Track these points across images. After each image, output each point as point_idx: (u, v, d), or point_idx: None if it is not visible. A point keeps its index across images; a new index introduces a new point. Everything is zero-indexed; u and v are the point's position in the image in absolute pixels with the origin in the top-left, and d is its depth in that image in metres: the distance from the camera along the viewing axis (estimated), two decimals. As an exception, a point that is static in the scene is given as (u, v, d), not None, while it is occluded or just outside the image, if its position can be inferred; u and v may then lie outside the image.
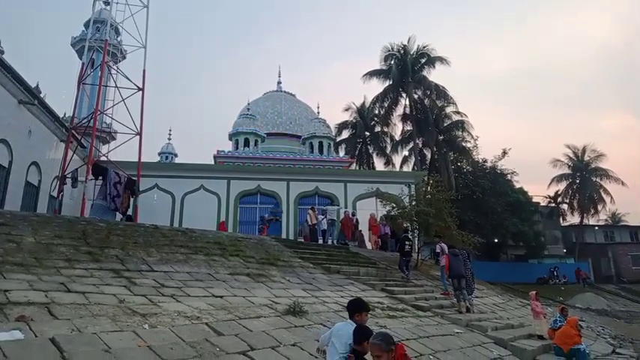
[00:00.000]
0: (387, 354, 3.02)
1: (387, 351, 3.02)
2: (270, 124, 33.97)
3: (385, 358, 3.01)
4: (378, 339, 3.14)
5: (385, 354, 3.02)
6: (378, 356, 3.04)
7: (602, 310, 24.67)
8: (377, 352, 3.05)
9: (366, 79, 34.87)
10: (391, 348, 3.05)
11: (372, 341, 3.12)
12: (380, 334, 3.21)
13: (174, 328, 5.32)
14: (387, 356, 3.01)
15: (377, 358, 3.05)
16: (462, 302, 11.08)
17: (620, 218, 59.06)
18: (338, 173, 25.50)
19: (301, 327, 6.58)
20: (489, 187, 32.39)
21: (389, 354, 3.02)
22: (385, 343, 3.07)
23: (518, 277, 30.76)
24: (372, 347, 3.11)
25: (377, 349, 3.07)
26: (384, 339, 3.12)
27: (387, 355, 3.01)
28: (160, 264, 8.16)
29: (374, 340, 3.14)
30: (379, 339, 3.13)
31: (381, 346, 3.05)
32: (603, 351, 11.06)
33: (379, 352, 3.03)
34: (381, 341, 3.09)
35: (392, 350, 3.05)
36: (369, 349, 3.13)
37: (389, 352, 3.03)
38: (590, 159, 42.02)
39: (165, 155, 38.50)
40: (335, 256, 14.09)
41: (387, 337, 3.15)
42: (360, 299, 4.68)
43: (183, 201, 21.65)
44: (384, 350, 3.02)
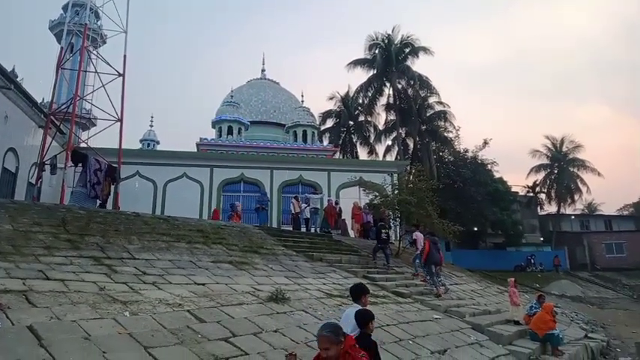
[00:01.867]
0: (337, 346, 2.80)
1: (336, 343, 2.80)
2: (253, 112, 33.76)
3: (334, 351, 2.79)
4: (326, 330, 2.88)
5: (334, 346, 2.80)
6: (326, 349, 2.80)
7: (577, 297, 25.45)
8: (325, 345, 2.81)
9: (351, 68, 34.92)
10: (340, 340, 2.83)
11: (319, 333, 2.87)
12: (328, 325, 2.96)
13: (156, 316, 5.33)
14: (336, 349, 2.79)
15: (325, 350, 2.81)
16: (439, 287, 11.36)
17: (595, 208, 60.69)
18: (322, 162, 25.56)
19: (283, 314, 6.64)
20: (470, 176, 32.88)
21: (338, 346, 2.80)
22: (335, 334, 2.84)
23: (497, 264, 31.44)
24: (320, 339, 2.85)
25: (325, 341, 2.82)
26: (334, 330, 2.88)
27: (336, 347, 2.79)
28: (141, 252, 8.11)
29: (322, 331, 2.87)
30: (328, 330, 2.87)
31: (330, 337, 2.82)
32: (576, 335, 11.43)
33: (328, 345, 2.80)
34: (330, 333, 2.85)
35: (341, 342, 2.83)
36: (317, 342, 2.88)
37: (338, 344, 2.81)
38: (569, 150, 42.87)
39: (147, 142, 37.97)
40: (318, 244, 14.19)
41: (337, 328, 2.91)
42: (362, 284, 5.28)
43: (165, 189, 21.43)
44: (333, 342, 2.80)
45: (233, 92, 32.96)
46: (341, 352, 2.80)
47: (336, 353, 2.80)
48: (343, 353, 2.81)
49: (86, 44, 19.20)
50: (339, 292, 8.99)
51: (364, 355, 2.85)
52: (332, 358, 2.82)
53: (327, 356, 2.82)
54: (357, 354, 2.83)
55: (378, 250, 13.43)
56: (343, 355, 2.80)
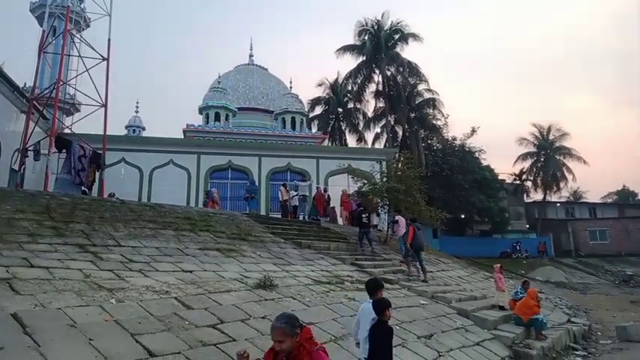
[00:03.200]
0: (291, 338, 2.61)
1: (291, 335, 2.61)
2: (241, 98, 33.42)
3: (288, 344, 2.60)
4: (281, 321, 2.67)
5: (289, 339, 2.60)
6: (280, 341, 2.61)
7: (561, 283, 25.96)
8: (279, 337, 2.61)
9: (340, 54, 34.66)
10: (296, 332, 2.63)
11: (274, 324, 2.67)
12: (284, 316, 2.74)
13: (143, 303, 5.29)
14: (290, 341, 2.60)
15: (279, 343, 2.62)
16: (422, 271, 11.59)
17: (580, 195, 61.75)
18: (310, 149, 25.47)
19: (271, 300, 6.65)
20: (458, 164, 33.10)
21: (293, 338, 2.61)
22: (290, 326, 2.63)
23: (483, 251, 31.90)
24: (273, 331, 2.64)
25: (280, 333, 2.62)
26: (289, 321, 2.67)
27: (290, 339, 2.60)
28: (127, 239, 8.03)
29: (276, 322, 2.68)
30: (282, 321, 2.67)
31: (284, 329, 2.62)
32: (559, 320, 11.68)
33: (282, 337, 2.60)
34: (284, 324, 2.64)
35: (297, 334, 2.62)
36: (271, 334, 2.69)
37: (293, 337, 2.61)
38: (555, 138, 43.32)
39: (133, 129, 37.48)
40: (306, 231, 14.20)
41: (292, 320, 2.69)
42: (377, 279, 5.42)
43: (151, 176, 21.20)
44: (287, 334, 2.60)
45: (220, 78, 32.54)
46: (296, 345, 2.61)
47: (291, 346, 2.60)
48: (298, 346, 2.62)
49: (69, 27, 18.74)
50: (327, 279, 9.04)
51: (321, 348, 2.67)
52: (285, 352, 2.63)
53: (281, 349, 2.62)
54: (312, 347, 2.63)
55: (362, 236, 13.51)
56: (298, 348, 2.61)
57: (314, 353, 2.61)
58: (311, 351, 2.61)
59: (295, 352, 2.62)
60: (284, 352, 2.64)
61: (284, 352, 2.63)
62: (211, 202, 16.88)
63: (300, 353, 2.61)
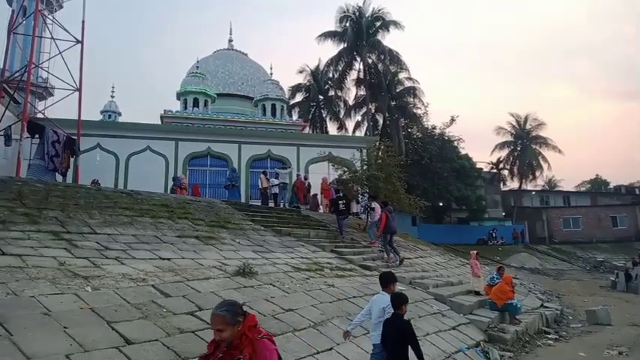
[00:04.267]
0: (233, 327, 2.42)
1: (232, 323, 2.42)
2: (220, 84, 32.91)
3: (229, 333, 2.41)
4: (221, 309, 2.48)
5: (230, 327, 2.41)
6: (219, 330, 2.43)
7: (535, 269, 26.69)
8: (219, 326, 2.42)
9: (321, 40, 34.37)
10: (238, 320, 2.44)
11: (213, 312, 2.49)
12: (225, 304, 2.56)
13: (119, 291, 5.23)
14: (231, 330, 2.41)
15: (218, 332, 2.43)
16: (390, 254, 11.90)
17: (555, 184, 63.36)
18: (291, 137, 25.33)
19: (251, 287, 6.65)
20: (437, 153, 33.45)
21: (235, 327, 2.42)
22: (230, 313, 2.44)
23: (460, 238, 32.51)
24: (213, 319, 2.47)
25: (219, 321, 2.43)
26: (230, 309, 2.48)
27: (231, 328, 2.41)
28: (103, 226, 7.89)
29: (215, 310, 2.49)
30: (223, 309, 2.48)
31: (224, 317, 2.43)
32: (533, 305, 12.02)
33: (222, 326, 2.42)
34: (225, 312, 2.45)
35: (239, 323, 2.44)
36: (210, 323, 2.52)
37: (235, 325, 2.42)
38: (532, 127, 44.08)
39: (108, 114, 36.58)
40: (286, 218, 14.20)
41: (234, 308, 2.50)
42: (391, 272, 5.48)
43: (128, 162, 20.77)
44: (228, 323, 2.41)
45: (199, 63, 31.89)
46: (238, 334, 2.44)
47: (232, 335, 2.42)
48: (240, 335, 2.44)
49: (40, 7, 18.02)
50: (307, 266, 9.07)
51: (266, 336, 2.50)
52: (226, 341, 2.45)
53: (221, 339, 2.44)
54: (256, 336, 2.45)
55: (341, 223, 13.61)
56: (240, 338, 2.44)
57: (257, 342, 2.43)
58: (254, 340, 2.43)
59: (237, 342, 2.44)
60: (225, 342, 2.45)
61: (225, 341, 2.45)
62: (179, 189, 16.39)
63: (242, 343, 2.43)
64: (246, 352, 2.39)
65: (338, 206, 13.70)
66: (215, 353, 2.50)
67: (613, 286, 19.47)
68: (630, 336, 9.28)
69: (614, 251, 34.00)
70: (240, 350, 2.41)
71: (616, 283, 19.41)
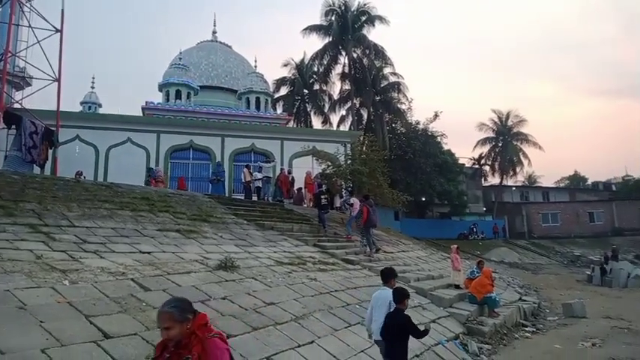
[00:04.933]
0: (181, 325, 2.30)
1: (180, 321, 2.30)
2: (204, 76, 32.52)
3: (177, 331, 2.29)
4: (168, 306, 2.36)
5: (178, 325, 2.29)
6: (167, 328, 2.30)
7: (514, 263, 27.19)
8: (166, 324, 2.30)
9: (306, 33, 34.13)
10: (187, 317, 2.33)
11: (160, 309, 2.37)
12: (172, 300, 2.46)
13: (97, 284, 5.15)
14: (180, 328, 2.29)
15: (166, 330, 2.30)
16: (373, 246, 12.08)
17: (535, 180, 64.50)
18: (275, 130, 25.21)
19: (232, 281, 6.62)
20: (420, 148, 33.66)
21: (183, 325, 2.30)
22: (179, 310, 2.33)
23: (442, 233, 32.88)
24: (160, 317, 2.34)
25: (166, 318, 2.31)
26: (178, 306, 2.37)
27: (180, 326, 2.29)
28: (81, 219, 7.75)
29: (162, 307, 2.37)
30: (171, 306, 2.36)
31: (172, 315, 2.31)
32: (511, 298, 12.24)
33: (169, 324, 2.29)
34: (173, 309, 2.33)
35: (188, 320, 2.33)
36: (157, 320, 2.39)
37: (183, 323, 2.31)
38: (513, 124, 44.68)
39: (88, 105, 35.79)
40: (269, 212, 14.16)
41: (182, 304, 2.40)
42: (392, 268, 5.67)
43: (108, 154, 20.40)
44: (176, 320, 2.29)
45: (182, 54, 31.41)
46: (187, 333, 2.32)
47: (180, 333, 2.30)
48: (189, 334, 2.32)
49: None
50: (290, 259, 9.08)
51: (217, 335, 2.39)
52: (174, 340, 2.32)
53: (169, 337, 2.31)
54: (206, 335, 2.34)
55: (323, 217, 13.66)
56: (189, 337, 2.32)
57: (207, 341, 2.32)
58: (204, 338, 2.32)
59: (186, 341, 2.32)
60: (173, 341, 2.32)
61: (173, 340, 2.32)
62: (153, 181, 16.03)
63: (191, 342, 2.32)
64: (194, 352, 2.29)
65: (320, 200, 13.75)
66: (163, 354, 2.37)
67: (589, 280, 19.95)
68: (604, 328, 9.53)
69: (591, 246, 34.81)
70: (189, 349, 2.30)
71: (592, 277, 19.89)
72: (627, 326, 9.65)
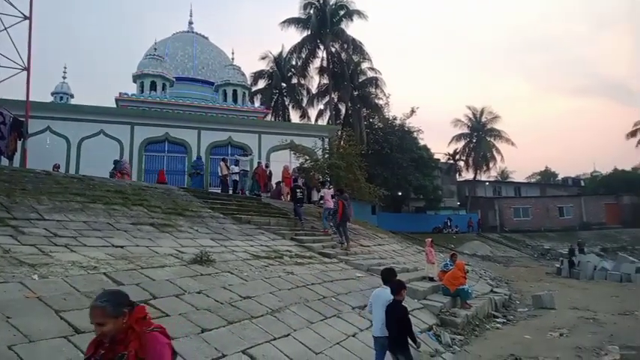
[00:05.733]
0: (115, 320, 2.12)
1: (114, 316, 2.12)
2: (180, 67, 31.95)
3: (111, 327, 2.12)
4: (101, 300, 2.17)
5: (112, 320, 2.11)
6: (100, 324, 2.12)
7: (486, 256, 27.82)
8: (99, 319, 2.12)
9: (285, 26, 33.91)
10: (122, 311, 2.15)
11: (92, 304, 2.18)
12: (105, 294, 2.26)
13: (68, 279, 5.04)
14: (114, 323, 2.12)
15: (99, 326, 2.13)
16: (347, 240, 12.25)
17: (507, 175, 66.01)
18: (252, 124, 25.01)
19: (208, 275, 6.57)
20: (397, 143, 33.98)
21: (118, 319, 2.13)
22: (112, 305, 2.14)
23: (417, 227, 33.38)
24: (92, 312, 2.15)
25: (100, 314, 2.12)
26: (111, 299, 2.18)
27: (114, 321, 2.12)
28: (52, 212, 7.55)
29: (95, 302, 2.17)
30: (103, 300, 2.16)
31: (105, 309, 2.12)
32: (483, 290, 12.54)
33: (102, 319, 2.11)
34: (105, 302, 2.14)
35: (123, 314, 2.14)
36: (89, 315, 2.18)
37: (118, 318, 2.13)
38: (487, 120, 45.62)
39: (60, 96, 34.83)
40: (246, 206, 14.08)
41: (117, 297, 2.22)
42: (393, 269, 5.97)
43: (80, 146, 19.87)
44: (109, 315, 2.11)
45: (157, 45, 30.75)
46: (123, 328, 2.15)
47: (115, 329, 2.13)
48: (126, 329, 2.15)
49: (-18, -21, 16.77)
50: (266, 253, 9.06)
51: (157, 329, 2.23)
52: (108, 336, 2.15)
53: (102, 333, 2.14)
54: (144, 329, 2.18)
55: (299, 210, 13.69)
56: (125, 332, 2.15)
57: (145, 335, 2.16)
58: (141, 333, 2.16)
59: (121, 337, 2.15)
60: (107, 338, 2.15)
61: (107, 337, 2.15)
62: (119, 174, 15.58)
63: (128, 337, 2.15)
64: (131, 348, 2.12)
65: (296, 193, 13.78)
66: (97, 351, 2.19)
67: (558, 272, 20.59)
68: (571, 319, 9.87)
69: (560, 240, 35.87)
70: (126, 345, 2.14)
71: (561, 269, 20.53)
72: (593, 316, 10.01)
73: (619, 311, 10.61)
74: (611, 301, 12.43)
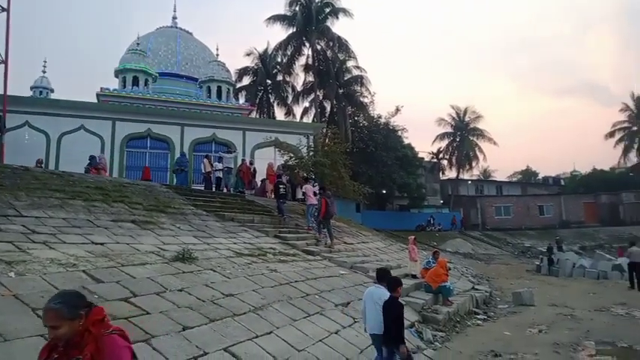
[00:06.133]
0: (71, 322, 2.02)
1: (69, 318, 2.02)
2: (163, 62, 31.54)
3: (66, 329, 2.02)
4: (55, 302, 2.07)
5: (67, 323, 2.01)
6: (54, 327, 2.03)
7: (468, 254, 28.16)
8: (52, 322, 2.03)
9: (270, 23, 33.69)
10: (78, 313, 2.04)
11: (46, 306, 2.08)
12: (60, 295, 2.14)
13: (46, 276, 4.94)
14: (69, 326, 2.02)
15: (52, 330, 2.04)
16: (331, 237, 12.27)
17: (489, 174, 66.91)
18: (237, 120, 24.87)
19: (190, 273, 6.51)
20: (382, 141, 34.16)
21: (74, 322, 2.02)
22: (67, 307, 2.03)
23: (401, 224, 33.61)
24: (46, 315, 2.06)
25: (53, 316, 2.03)
26: (67, 301, 2.07)
27: (69, 324, 2.02)
28: (30, 209, 7.39)
29: (49, 304, 2.07)
30: (57, 302, 2.06)
31: (58, 312, 2.02)
32: (465, 287, 12.69)
33: (56, 321, 2.02)
34: (60, 304, 2.04)
35: (79, 316, 2.04)
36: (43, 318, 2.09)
37: (74, 320, 2.03)
38: (470, 119, 46.15)
39: (39, 90, 34.06)
40: (230, 203, 14.00)
41: (72, 299, 2.11)
42: (387, 269, 6.10)
43: (59, 142, 19.48)
44: (64, 318, 2.01)
45: (140, 39, 30.27)
46: (79, 331, 2.04)
47: (70, 332, 2.02)
48: (82, 332, 2.04)
49: (-42, -32, 16.31)
50: (250, 251, 9.02)
51: (116, 331, 2.12)
52: (63, 340, 2.04)
53: (56, 337, 2.04)
54: (102, 331, 2.07)
55: (281, 206, 13.69)
56: (81, 335, 2.04)
57: (103, 338, 2.05)
58: (99, 336, 2.05)
59: (77, 340, 2.04)
60: (62, 341, 2.05)
61: (61, 340, 2.05)
62: (94, 169, 15.21)
63: (85, 340, 2.04)
64: (87, 351, 2.02)
65: (279, 189, 13.77)
66: (50, 355, 2.09)
67: (537, 270, 20.95)
68: (550, 315, 10.06)
69: (541, 238, 36.49)
70: (81, 349, 2.03)
71: (540, 267, 20.90)
72: (571, 313, 10.22)
73: (595, 308, 10.85)
74: (588, 297, 12.71)
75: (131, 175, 18.91)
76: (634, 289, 13.88)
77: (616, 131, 46.45)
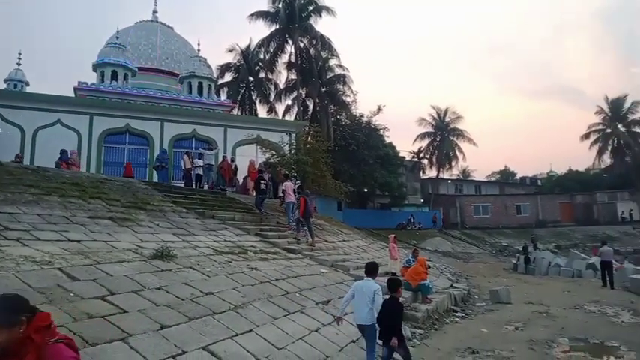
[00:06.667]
0: (10, 329, 1.84)
1: (7, 325, 1.84)
2: (142, 57, 31.00)
3: (4, 337, 1.83)
4: None
5: (5, 330, 1.83)
6: None
7: (447, 252, 28.55)
8: None
9: (253, 19, 33.51)
10: (18, 319, 1.85)
11: None
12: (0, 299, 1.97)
13: (20, 274, 4.81)
14: (7, 333, 1.83)
15: None
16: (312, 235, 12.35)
17: (469, 174, 67.90)
18: (218, 117, 24.62)
19: (169, 271, 6.42)
20: (364, 140, 34.33)
21: (13, 329, 1.84)
22: (7, 312, 1.86)
23: (382, 223, 33.83)
24: None
25: None
26: (7, 305, 1.90)
27: (7, 331, 1.83)
28: (3, 205, 7.18)
29: None
30: None
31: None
32: (444, 285, 12.86)
33: None
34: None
35: (20, 323, 1.85)
36: None
37: (13, 327, 1.84)
38: (451, 120, 46.82)
39: (14, 83, 33.16)
40: (210, 201, 13.86)
41: (12, 304, 1.92)
42: (376, 263, 6.17)
43: (35, 137, 18.99)
44: (2, 324, 1.84)
45: (119, 33, 29.65)
46: (19, 339, 1.86)
47: (8, 340, 1.84)
48: (23, 339, 1.87)
49: None
50: (230, 249, 8.96)
51: (61, 339, 1.95)
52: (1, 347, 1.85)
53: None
54: (46, 340, 1.89)
55: (261, 202, 13.66)
56: (22, 342, 1.87)
57: (48, 347, 1.88)
58: (42, 345, 1.88)
59: (16, 348, 1.86)
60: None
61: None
62: (65, 164, 14.85)
63: (25, 348, 1.87)
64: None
65: (259, 185, 13.74)
66: None
67: (514, 268, 21.38)
68: (526, 313, 10.28)
69: (518, 236, 37.20)
70: (20, 358, 1.86)
71: (517, 265, 21.33)
72: (546, 310, 10.46)
73: (570, 305, 11.13)
74: (563, 295, 13.02)
75: (109, 172, 18.55)
76: (606, 287, 14.28)
77: (591, 133, 47.63)
